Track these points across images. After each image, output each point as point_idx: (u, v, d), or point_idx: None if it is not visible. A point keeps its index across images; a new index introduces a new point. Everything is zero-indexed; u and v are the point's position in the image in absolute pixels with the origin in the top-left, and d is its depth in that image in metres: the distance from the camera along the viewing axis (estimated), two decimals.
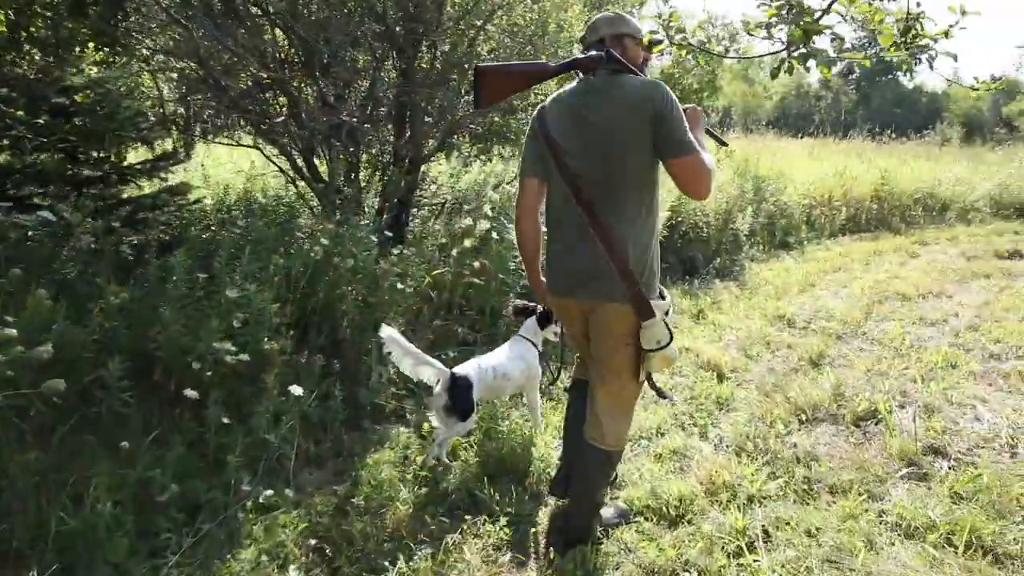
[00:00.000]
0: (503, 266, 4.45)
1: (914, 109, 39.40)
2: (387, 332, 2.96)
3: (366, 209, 3.98)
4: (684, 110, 2.27)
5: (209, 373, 2.81)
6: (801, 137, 23.00)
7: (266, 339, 2.99)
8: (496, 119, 7.14)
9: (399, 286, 3.71)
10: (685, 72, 12.53)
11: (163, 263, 3.18)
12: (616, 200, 2.26)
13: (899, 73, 43.64)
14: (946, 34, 2.35)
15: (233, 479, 2.71)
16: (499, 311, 4.56)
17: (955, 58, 2.35)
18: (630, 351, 2.38)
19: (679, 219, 7.25)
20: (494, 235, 4.35)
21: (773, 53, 2.23)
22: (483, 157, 7.04)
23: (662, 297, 2.39)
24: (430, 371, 3.00)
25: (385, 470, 3.04)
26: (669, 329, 2.31)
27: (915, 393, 4.13)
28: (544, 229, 2.57)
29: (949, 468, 3.30)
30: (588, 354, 2.59)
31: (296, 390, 2.88)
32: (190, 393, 2.68)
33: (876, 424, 3.75)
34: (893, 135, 20.40)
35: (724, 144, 2.82)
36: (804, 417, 3.80)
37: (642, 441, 3.53)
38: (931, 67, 2.39)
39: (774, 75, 2.31)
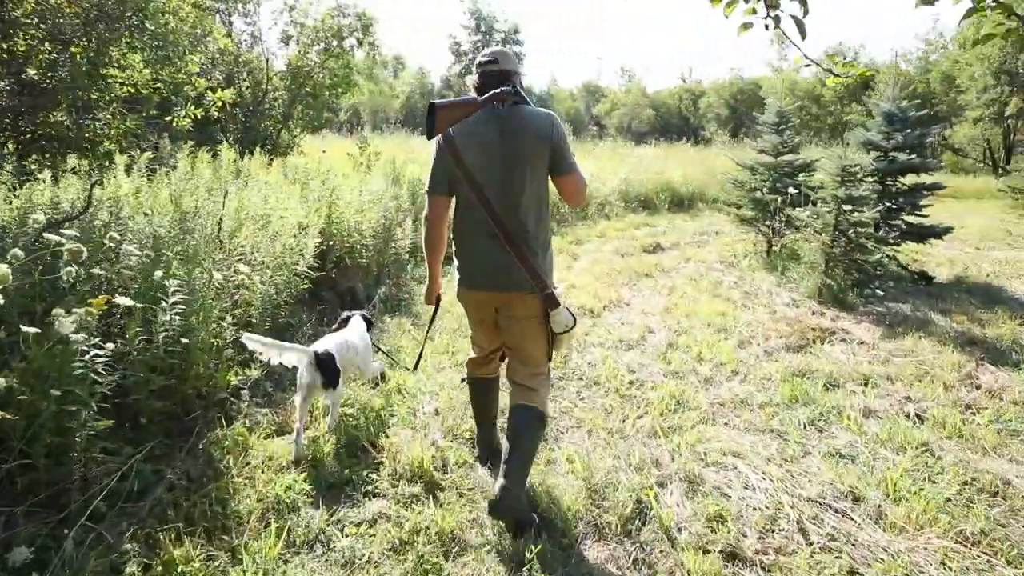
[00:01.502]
0: (67, 374, 2.57)
1: None
2: (246, 338, 3.18)
3: None
4: None
5: None
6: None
7: None
8: (61, 118, 4.96)
9: None
10: (318, 67, 11.06)
11: None
12: (520, 212, 2.66)
13: None
14: None
15: None
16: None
17: None
18: (544, 332, 2.81)
19: (331, 243, 5.76)
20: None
21: None
22: (40, 176, 4.78)
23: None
24: (293, 355, 3.22)
25: None
26: (572, 314, 2.77)
27: (666, 460, 3.31)
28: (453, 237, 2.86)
29: None
30: (488, 343, 3.04)
31: None
32: None
33: (646, 524, 2.80)
34: None
35: None
36: (566, 540, 2.69)
37: None
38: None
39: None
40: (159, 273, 3.14)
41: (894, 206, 7.14)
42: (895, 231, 7.05)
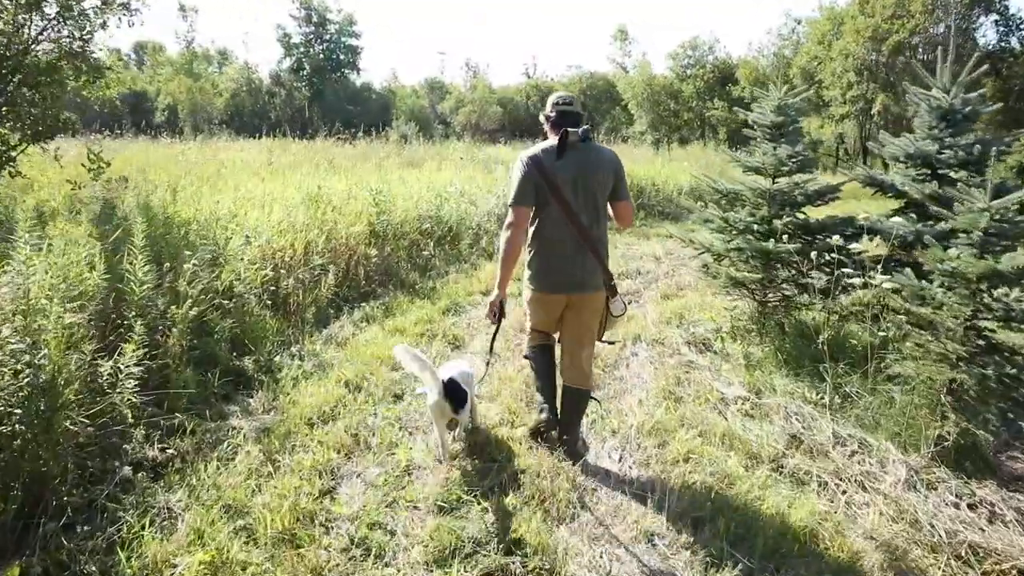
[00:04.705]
0: None
1: (367, 107, 39.06)
2: (401, 349, 3.39)
3: None
4: None
5: None
6: (259, 137, 19.18)
7: None
8: None
9: None
10: (34, 42, 6.96)
11: None
12: (598, 225, 3.26)
13: (347, 71, 43.07)
14: None
15: None
16: None
17: None
18: (601, 319, 3.37)
19: None
20: None
21: None
22: None
23: None
24: (428, 379, 3.31)
25: None
26: (624, 302, 3.42)
27: None
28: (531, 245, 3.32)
29: None
30: (552, 329, 3.50)
31: None
32: None
33: None
34: (359, 134, 17.97)
35: None
36: None
37: None
38: None
39: None
40: None
41: None
42: None
